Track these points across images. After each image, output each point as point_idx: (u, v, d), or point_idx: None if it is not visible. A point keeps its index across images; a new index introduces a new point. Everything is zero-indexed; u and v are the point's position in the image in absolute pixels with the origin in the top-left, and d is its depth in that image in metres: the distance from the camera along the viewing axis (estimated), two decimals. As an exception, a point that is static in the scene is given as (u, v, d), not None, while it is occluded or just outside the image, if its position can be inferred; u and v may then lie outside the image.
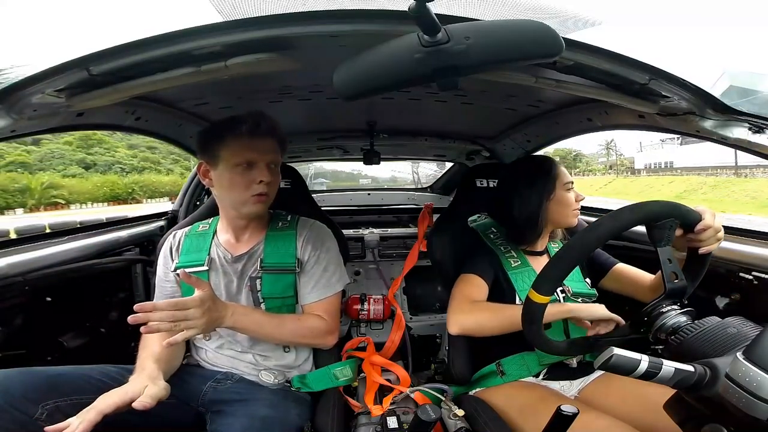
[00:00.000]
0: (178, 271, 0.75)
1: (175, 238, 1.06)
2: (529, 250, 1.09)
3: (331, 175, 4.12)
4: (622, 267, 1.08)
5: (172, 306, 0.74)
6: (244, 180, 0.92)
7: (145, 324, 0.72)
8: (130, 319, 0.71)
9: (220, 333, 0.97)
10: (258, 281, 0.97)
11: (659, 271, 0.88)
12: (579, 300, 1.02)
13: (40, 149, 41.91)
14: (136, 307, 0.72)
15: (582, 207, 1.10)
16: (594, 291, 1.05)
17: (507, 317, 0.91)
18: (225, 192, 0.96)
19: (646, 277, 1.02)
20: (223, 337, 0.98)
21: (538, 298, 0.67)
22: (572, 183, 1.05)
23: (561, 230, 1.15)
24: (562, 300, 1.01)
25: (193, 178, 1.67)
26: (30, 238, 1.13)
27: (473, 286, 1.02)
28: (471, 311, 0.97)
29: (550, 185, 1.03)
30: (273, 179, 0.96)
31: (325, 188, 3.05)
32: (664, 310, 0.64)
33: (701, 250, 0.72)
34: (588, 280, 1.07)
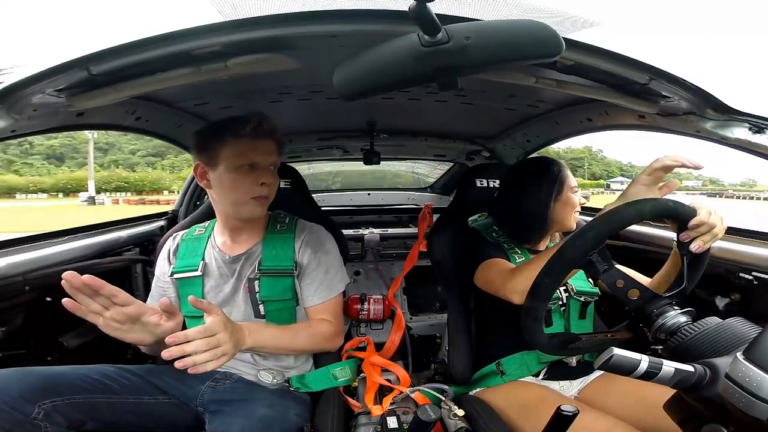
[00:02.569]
0: (189, 299, 0.74)
1: (174, 240, 1.07)
2: (532, 249, 1.09)
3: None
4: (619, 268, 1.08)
5: (202, 332, 0.70)
6: (245, 182, 0.92)
7: (180, 358, 0.66)
8: (165, 355, 0.65)
9: None
10: (256, 283, 0.97)
11: (659, 272, 0.88)
12: (582, 299, 1.03)
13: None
14: (168, 339, 0.67)
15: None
16: (597, 290, 1.05)
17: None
18: (225, 193, 0.95)
19: (641, 279, 1.02)
20: None
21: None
22: (576, 187, 1.06)
23: (559, 233, 1.15)
24: (564, 299, 1.01)
25: (192, 178, 1.67)
26: (32, 237, 1.13)
27: (502, 263, 1.00)
28: (520, 272, 0.88)
29: (558, 186, 1.04)
30: (273, 181, 0.96)
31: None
32: (665, 311, 0.64)
33: (693, 247, 0.68)
34: (590, 280, 1.07)
